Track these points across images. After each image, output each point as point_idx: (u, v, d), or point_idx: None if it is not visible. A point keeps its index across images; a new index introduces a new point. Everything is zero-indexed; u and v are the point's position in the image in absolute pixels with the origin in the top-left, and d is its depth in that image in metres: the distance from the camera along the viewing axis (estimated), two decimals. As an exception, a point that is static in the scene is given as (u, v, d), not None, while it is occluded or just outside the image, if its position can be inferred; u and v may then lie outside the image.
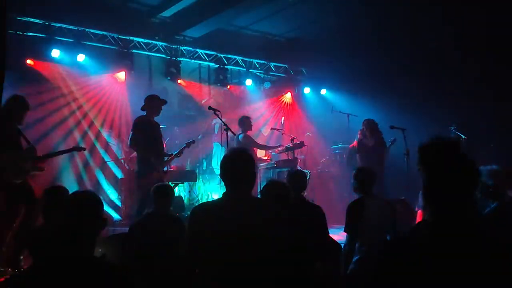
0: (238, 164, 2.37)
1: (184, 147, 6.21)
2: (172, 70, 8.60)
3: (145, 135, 5.70)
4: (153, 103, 5.86)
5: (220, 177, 2.42)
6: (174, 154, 6.10)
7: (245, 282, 2.17)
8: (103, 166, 8.10)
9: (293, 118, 10.16)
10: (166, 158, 6.03)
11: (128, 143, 5.91)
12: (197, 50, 8.96)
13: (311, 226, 3.26)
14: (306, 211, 3.47)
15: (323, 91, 10.14)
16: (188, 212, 2.90)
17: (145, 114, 5.88)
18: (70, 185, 6.73)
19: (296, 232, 2.39)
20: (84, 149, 5.86)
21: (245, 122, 7.35)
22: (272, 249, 2.22)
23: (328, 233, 3.60)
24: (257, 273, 2.18)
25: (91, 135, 7.98)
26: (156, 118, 5.96)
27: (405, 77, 8.02)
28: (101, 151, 8.10)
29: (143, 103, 5.96)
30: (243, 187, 2.36)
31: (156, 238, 3.56)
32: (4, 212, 4.43)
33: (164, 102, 5.97)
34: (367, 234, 3.67)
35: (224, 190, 2.40)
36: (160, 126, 6.18)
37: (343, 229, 3.78)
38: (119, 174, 8.08)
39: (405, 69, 8.02)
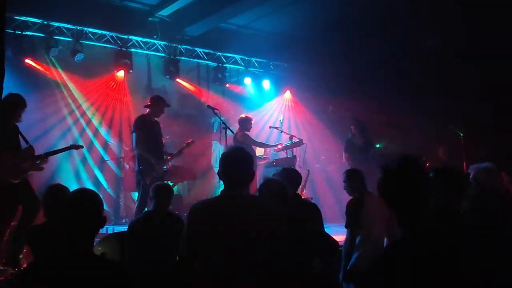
0: (236, 162, 2.38)
1: (184, 147, 6.24)
2: (171, 69, 8.61)
3: (146, 134, 5.73)
4: (158, 105, 5.91)
5: (218, 175, 2.43)
6: (174, 154, 6.13)
7: (243, 280, 2.19)
8: (103, 165, 8.11)
9: (292, 116, 10.17)
10: (165, 157, 6.06)
11: (133, 144, 5.93)
12: (196, 48, 8.96)
13: (308, 224, 3.28)
14: (302, 208, 3.50)
15: (321, 90, 10.14)
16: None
17: (146, 112, 5.91)
18: (70, 184, 6.74)
19: (294, 229, 2.40)
20: (82, 146, 5.88)
21: (246, 122, 7.40)
22: (269, 246, 2.24)
23: (324, 230, 3.64)
24: (255, 270, 2.20)
25: (89, 134, 7.99)
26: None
27: (404, 74, 8.03)
28: (100, 150, 8.11)
29: (147, 102, 6.00)
30: (241, 185, 2.37)
31: (155, 237, 3.58)
32: (3, 211, 4.43)
33: (168, 105, 6.03)
34: (367, 230, 3.72)
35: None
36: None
37: (344, 225, 3.83)
38: (118, 173, 8.10)
39: (404, 67, 8.03)
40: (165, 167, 6.17)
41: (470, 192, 2.90)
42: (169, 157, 6.10)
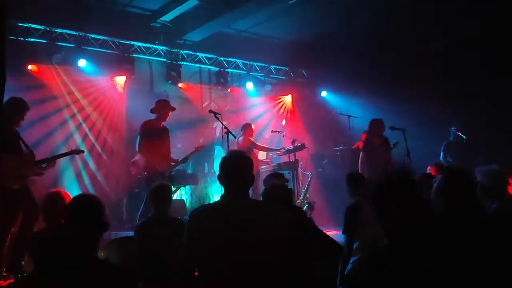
0: (236, 166, 2.36)
1: (193, 151, 6.25)
2: (172, 73, 8.63)
3: (151, 139, 5.72)
4: (163, 108, 5.91)
5: (218, 179, 2.41)
6: (180, 160, 6.12)
7: (244, 284, 2.16)
8: (105, 170, 8.10)
9: (294, 120, 10.16)
10: (172, 164, 6.05)
11: (136, 148, 5.91)
12: (198, 53, 8.98)
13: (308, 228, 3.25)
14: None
15: (324, 93, 10.14)
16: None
17: (153, 117, 5.91)
18: (72, 190, 6.73)
19: (295, 233, 2.38)
20: (83, 151, 5.84)
21: (247, 128, 7.59)
22: (270, 251, 2.21)
23: (326, 234, 3.61)
24: (257, 276, 2.18)
25: (92, 138, 7.98)
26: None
27: (405, 78, 8.02)
28: (102, 154, 8.10)
29: (154, 106, 6.00)
30: (241, 189, 2.36)
31: (157, 241, 3.55)
32: (3, 217, 4.40)
33: (173, 109, 6.04)
34: (365, 236, 3.68)
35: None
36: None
37: (342, 230, 3.80)
38: (121, 178, 8.08)
39: (405, 70, 8.02)
40: (173, 172, 6.16)
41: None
42: (175, 164, 6.09)
